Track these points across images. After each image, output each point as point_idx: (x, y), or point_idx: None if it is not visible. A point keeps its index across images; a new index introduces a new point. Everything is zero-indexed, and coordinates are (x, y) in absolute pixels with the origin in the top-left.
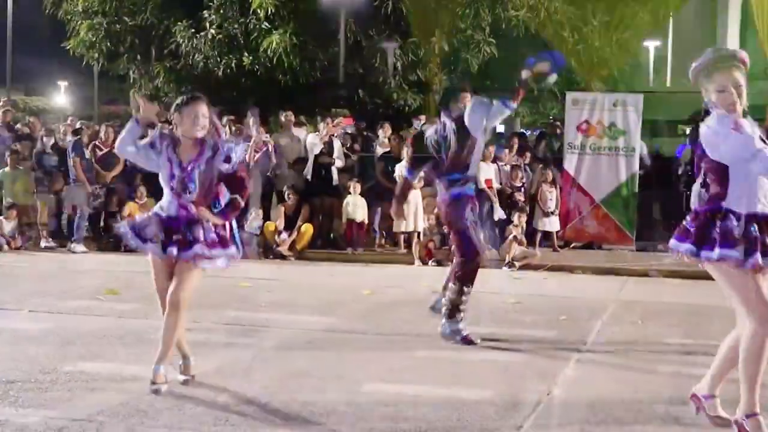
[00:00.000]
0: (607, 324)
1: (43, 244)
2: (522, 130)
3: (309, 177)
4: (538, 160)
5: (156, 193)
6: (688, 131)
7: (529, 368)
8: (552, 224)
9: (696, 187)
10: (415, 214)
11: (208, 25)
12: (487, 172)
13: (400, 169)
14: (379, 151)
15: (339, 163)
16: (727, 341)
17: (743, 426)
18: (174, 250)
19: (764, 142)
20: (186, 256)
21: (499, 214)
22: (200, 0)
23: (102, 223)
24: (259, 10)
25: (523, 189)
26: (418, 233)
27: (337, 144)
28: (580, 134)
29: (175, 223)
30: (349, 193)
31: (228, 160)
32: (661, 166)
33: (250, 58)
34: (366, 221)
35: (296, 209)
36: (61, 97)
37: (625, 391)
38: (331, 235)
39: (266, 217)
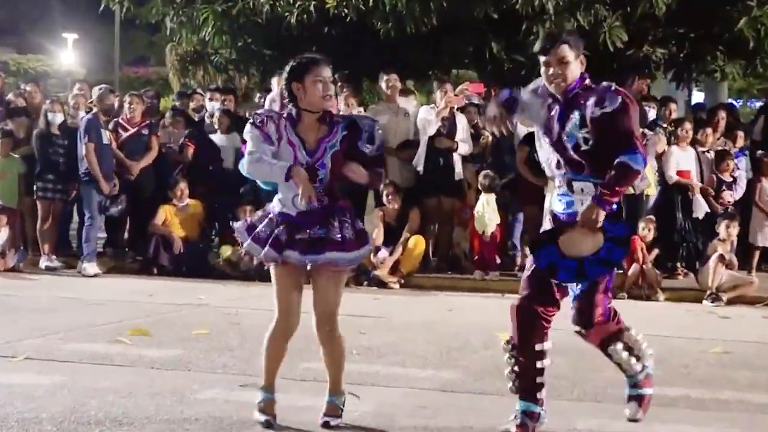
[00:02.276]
0: None
1: (43, 263)
2: (730, 101)
3: (420, 168)
4: (755, 145)
5: (200, 192)
6: None
7: None
8: None
9: None
10: None
11: None
12: (682, 160)
13: None
14: (522, 130)
15: (464, 148)
16: None
17: None
18: (295, 255)
19: None
20: (322, 260)
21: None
22: None
23: (126, 234)
24: None
25: (734, 186)
26: None
27: (461, 121)
28: None
29: (307, 219)
30: (479, 192)
31: (371, 140)
32: None
33: None
34: (488, 231)
35: (401, 216)
36: (68, 55)
37: None
38: (451, 252)
39: None
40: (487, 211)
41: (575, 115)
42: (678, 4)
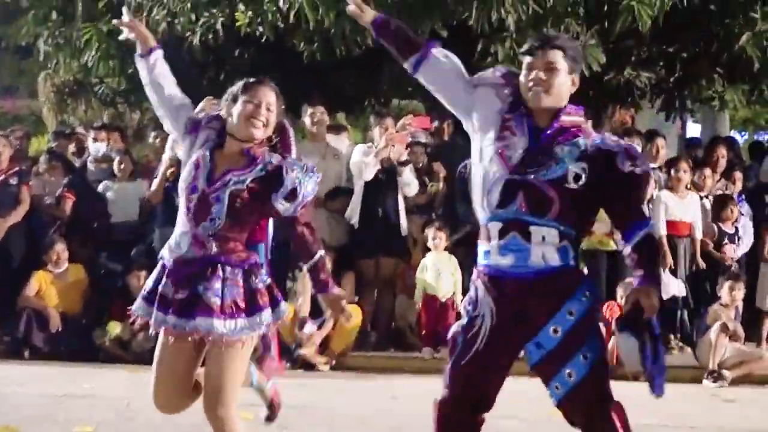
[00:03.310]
0: None
1: None
2: (731, 134)
3: (355, 222)
4: (764, 189)
5: (83, 255)
6: None
7: None
8: None
9: None
10: None
11: None
12: (678, 208)
13: None
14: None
15: (410, 192)
16: None
17: None
18: (171, 318)
19: None
20: (189, 327)
21: (677, 288)
22: None
23: None
24: None
25: (737, 239)
26: None
27: (405, 165)
28: None
29: (185, 270)
30: (428, 249)
31: (291, 196)
32: None
33: (248, 13)
34: (457, 298)
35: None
36: None
37: None
38: (394, 324)
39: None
40: (438, 272)
41: (576, 142)
42: (666, 18)
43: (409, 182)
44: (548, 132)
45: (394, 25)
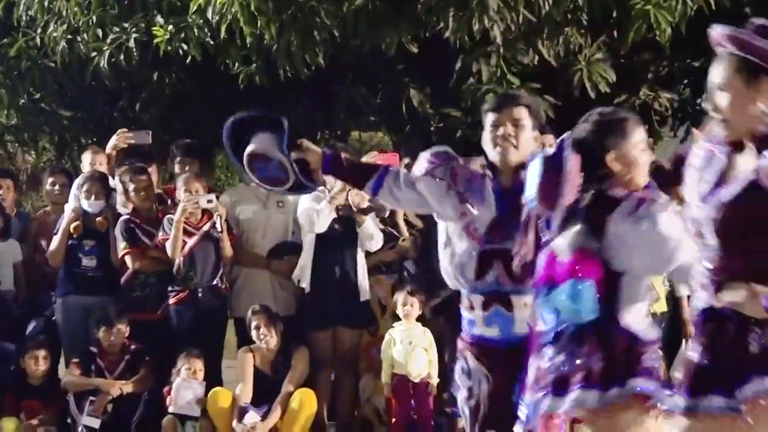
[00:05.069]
0: None
1: None
2: None
3: (306, 285)
4: None
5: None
6: None
7: None
8: None
9: None
10: None
11: None
12: None
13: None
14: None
15: (373, 246)
16: None
17: None
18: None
19: None
20: None
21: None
22: None
23: None
24: None
25: None
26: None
27: (367, 213)
28: None
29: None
30: (397, 318)
31: None
32: None
33: (169, 27)
34: (433, 379)
35: (280, 359)
36: None
37: None
38: (357, 412)
39: (212, 380)
40: (410, 347)
41: None
42: (690, 25)
43: (371, 234)
44: (514, 192)
45: (344, 159)
